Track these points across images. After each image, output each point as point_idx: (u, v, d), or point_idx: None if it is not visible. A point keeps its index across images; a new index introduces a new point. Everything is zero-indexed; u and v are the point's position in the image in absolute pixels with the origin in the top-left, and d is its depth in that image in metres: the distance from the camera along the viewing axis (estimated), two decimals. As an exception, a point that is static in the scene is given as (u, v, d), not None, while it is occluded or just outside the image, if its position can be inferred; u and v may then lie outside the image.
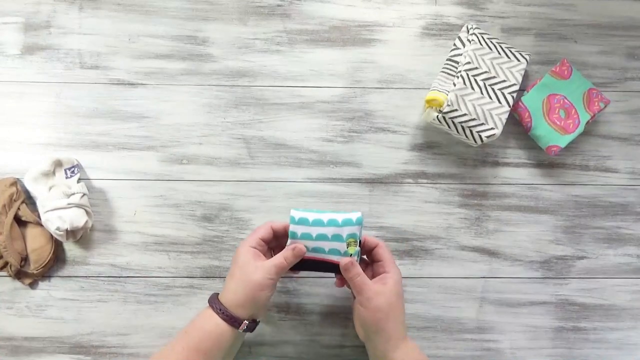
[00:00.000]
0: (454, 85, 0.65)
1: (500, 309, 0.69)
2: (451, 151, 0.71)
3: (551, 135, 0.68)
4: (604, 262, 0.71)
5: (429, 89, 0.71)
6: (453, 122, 0.66)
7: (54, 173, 0.66)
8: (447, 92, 0.65)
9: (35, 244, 0.65)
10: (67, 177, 0.66)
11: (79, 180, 0.66)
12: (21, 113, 0.69)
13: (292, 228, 0.57)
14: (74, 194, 0.64)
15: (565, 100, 0.68)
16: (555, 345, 0.69)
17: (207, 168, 0.69)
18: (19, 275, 0.65)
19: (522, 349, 0.69)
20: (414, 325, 0.68)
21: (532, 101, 0.69)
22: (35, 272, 0.65)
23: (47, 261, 0.65)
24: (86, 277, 0.67)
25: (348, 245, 0.57)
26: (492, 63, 0.66)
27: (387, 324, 0.56)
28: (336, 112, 0.71)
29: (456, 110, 0.64)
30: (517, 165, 0.71)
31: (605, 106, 0.68)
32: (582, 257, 0.71)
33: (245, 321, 0.55)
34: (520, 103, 0.69)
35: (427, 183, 0.70)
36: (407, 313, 0.68)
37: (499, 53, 0.67)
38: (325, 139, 0.70)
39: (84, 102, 0.70)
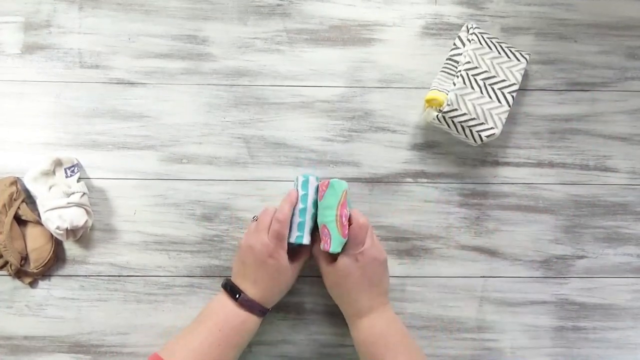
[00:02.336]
0: (454, 84, 0.65)
1: (500, 309, 0.69)
2: (451, 151, 0.71)
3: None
4: (604, 262, 0.71)
5: (429, 88, 0.71)
6: (453, 122, 0.66)
7: (54, 172, 0.66)
8: (447, 92, 0.65)
9: (35, 243, 0.65)
10: (67, 177, 0.66)
11: (79, 179, 0.66)
12: (21, 113, 0.69)
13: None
14: (74, 193, 0.64)
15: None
16: (555, 344, 0.69)
17: (207, 167, 0.69)
18: (19, 274, 0.65)
19: (522, 348, 0.69)
20: (414, 325, 0.68)
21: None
22: (35, 271, 0.65)
23: (47, 260, 0.65)
24: (86, 276, 0.68)
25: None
26: (492, 62, 0.66)
27: (337, 300, 0.63)
28: (336, 112, 0.71)
29: (456, 109, 0.64)
30: (517, 165, 0.71)
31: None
32: (582, 257, 0.71)
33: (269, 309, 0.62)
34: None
35: (427, 182, 0.70)
36: (407, 312, 0.68)
37: (499, 52, 0.67)
38: (325, 139, 0.70)
39: (84, 102, 0.70)
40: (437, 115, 0.66)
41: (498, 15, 0.74)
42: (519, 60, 0.67)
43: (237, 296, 0.59)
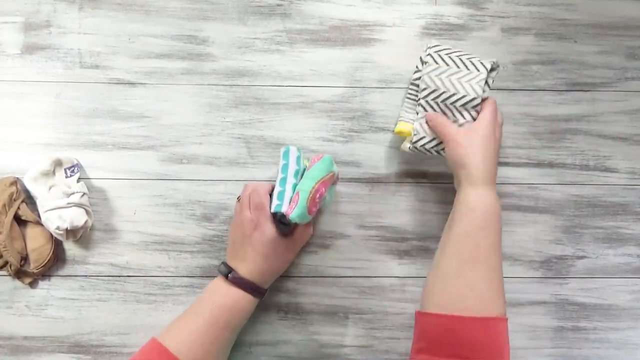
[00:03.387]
0: (417, 114, 0.65)
1: (500, 309, 0.69)
2: (451, 151, 0.71)
3: None
4: (604, 262, 0.71)
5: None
6: (425, 149, 0.65)
7: (53, 172, 0.66)
8: (412, 122, 0.65)
9: (35, 244, 0.65)
10: (67, 177, 0.66)
11: (79, 179, 0.66)
12: (21, 113, 0.69)
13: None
14: (73, 193, 0.64)
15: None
16: (555, 345, 0.69)
17: (207, 167, 0.69)
18: (19, 274, 0.65)
19: (521, 348, 0.69)
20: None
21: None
22: (35, 271, 0.65)
23: (47, 260, 0.65)
24: (86, 276, 0.68)
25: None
26: (450, 80, 0.63)
27: (466, 159, 0.59)
28: (336, 112, 0.71)
29: (424, 137, 0.64)
30: (517, 165, 0.71)
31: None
32: (582, 257, 0.71)
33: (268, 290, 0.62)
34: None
35: (427, 183, 0.70)
36: (407, 313, 0.68)
37: (458, 67, 0.64)
38: (325, 139, 0.70)
39: (84, 102, 0.70)
40: (409, 147, 0.65)
41: (498, 15, 0.73)
42: (479, 70, 0.63)
43: (228, 275, 0.59)
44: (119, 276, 0.68)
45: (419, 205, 0.70)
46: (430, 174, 0.71)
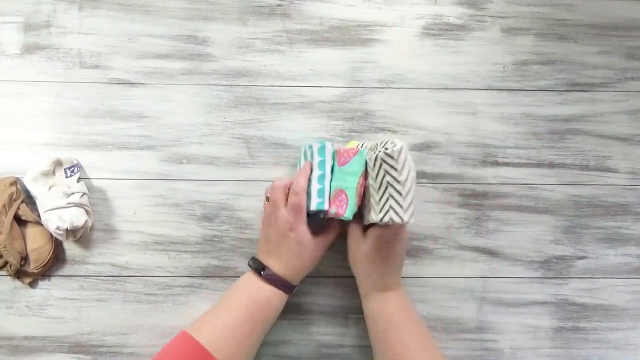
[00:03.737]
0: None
1: (500, 309, 0.69)
2: (451, 151, 0.71)
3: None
4: (604, 262, 0.71)
5: (429, 88, 0.71)
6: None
7: (53, 172, 0.66)
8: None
9: (35, 244, 0.65)
10: (66, 177, 0.66)
11: (79, 179, 0.66)
12: (21, 113, 0.69)
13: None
14: (73, 193, 0.64)
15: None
16: (555, 345, 0.69)
17: (207, 168, 0.69)
18: (19, 274, 0.65)
19: (521, 349, 0.69)
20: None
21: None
22: (35, 271, 0.65)
23: (47, 260, 0.65)
24: (86, 276, 0.68)
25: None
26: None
27: (366, 272, 0.62)
28: (336, 112, 0.71)
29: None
30: (517, 165, 0.71)
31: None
32: (582, 257, 0.71)
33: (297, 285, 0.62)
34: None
35: (426, 183, 0.70)
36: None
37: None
38: (325, 139, 0.70)
39: (84, 102, 0.70)
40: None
41: (498, 15, 0.74)
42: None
43: (262, 272, 0.60)
44: (119, 276, 0.68)
45: (419, 205, 0.70)
46: (430, 174, 0.71)
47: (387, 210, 0.56)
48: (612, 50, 0.74)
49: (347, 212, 0.59)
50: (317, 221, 0.62)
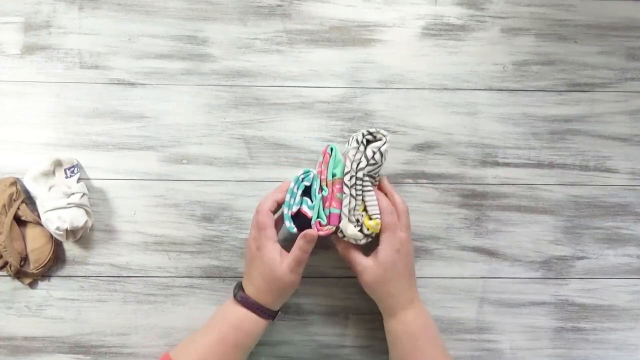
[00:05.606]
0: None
1: (500, 309, 0.69)
2: (451, 151, 0.71)
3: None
4: (603, 263, 0.71)
5: (429, 89, 0.71)
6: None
7: (53, 173, 0.66)
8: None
9: (35, 244, 0.65)
10: (67, 177, 0.66)
11: (79, 180, 0.66)
12: (21, 113, 0.69)
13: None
14: (73, 193, 0.64)
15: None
16: (555, 345, 0.69)
17: (207, 168, 0.69)
18: (19, 275, 0.65)
19: (521, 349, 0.69)
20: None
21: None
22: (35, 271, 0.65)
23: (46, 261, 0.65)
24: (86, 276, 0.67)
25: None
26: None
27: (379, 295, 0.60)
28: (336, 112, 0.71)
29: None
30: (517, 165, 0.71)
31: None
32: (582, 258, 0.71)
33: (279, 312, 0.61)
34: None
35: (426, 183, 0.70)
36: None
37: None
38: (325, 139, 0.70)
39: (84, 102, 0.70)
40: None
41: (498, 16, 0.74)
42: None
43: (236, 294, 0.59)
44: (119, 277, 0.68)
45: (419, 206, 0.70)
46: (430, 174, 0.71)
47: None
48: (612, 50, 0.74)
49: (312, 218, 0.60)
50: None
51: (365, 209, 0.61)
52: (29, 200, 0.67)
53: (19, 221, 0.65)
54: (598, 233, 0.71)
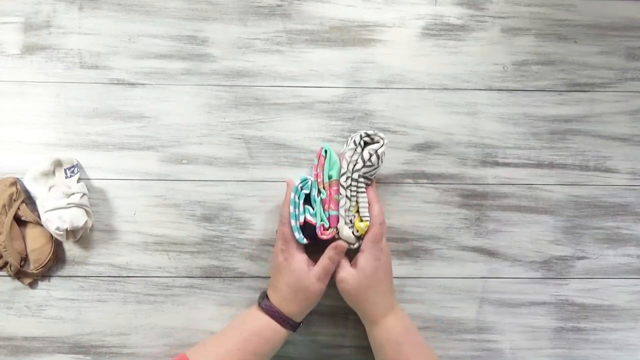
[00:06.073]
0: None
1: (500, 309, 0.69)
2: (451, 151, 0.71)
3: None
4: (603, 263, 0.71)
5: (429, 89, 0.71)
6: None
7: (53, 173, 0.66)
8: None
9: (35, 244, 0.65)
10: (67, 177, 0.66)
11: (79, 180, 0.66)
12: (21, 113, 0.69)
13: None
14: (73, 193, 0.64)
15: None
16: (555, 345, 0.69)
17: (207, 168, 0.69)
18: (19, 275, 0.65)
19: (521, 349, 0.69)
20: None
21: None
22: (35, 272, 0.65)
23: (46, 261, 0.65)
24: (86, 277, 0.67)
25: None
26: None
27: (361, 303, 0.60)
28: (336, 112, 0.71)
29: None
30: (517, 165, 0.71)
31: None
32: (582, 258, 0.71)
33: (301, 323, 0.62)
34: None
35: (426, 183, 0.70)
36: (408, 313, 0.68)
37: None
38: (325, 139, 0.70)
39: (84, 102, 0.70)
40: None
41: (498, 16, 0.73)
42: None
43: (261, 302, 0.60)
44: (119, 277, 0.68)
45: (419, 206, 0.70)
46: (430, 174, 0.71)
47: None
48: (612, 50, 0.74)
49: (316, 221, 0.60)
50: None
51: (357, 210, 0.61)
52: (29, 200, 0.67)
53: (19, 221, 0.65)
54: (598, 233, 0.71)
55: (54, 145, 0.69)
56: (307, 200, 0.62)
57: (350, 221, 0.61)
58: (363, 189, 0.61)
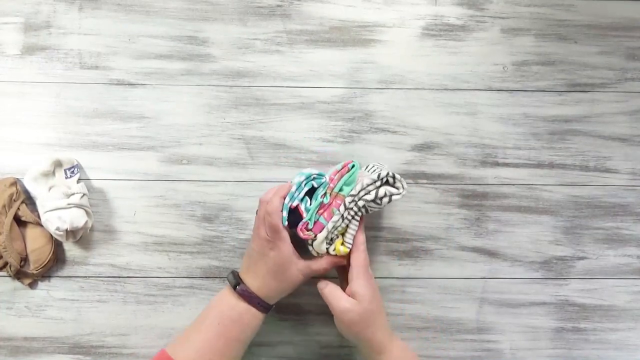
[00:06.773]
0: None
1: (500, 310, 0.69)
2: (451, 152, 0.71)
3: None
4: (603, 263, 0.71)
5: (429, 89, 0.71)
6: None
7: (53, 173, 0.66)
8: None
9: (35, 244, 0.65)
10: (67, 177, 0.66)
11: (79, 180, 0.66)
12: (21, 113, 0.69)
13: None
14: (73, 194, 0.64)
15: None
16: (555, 345, 0.69)
17: (207, 168, 0.69)
18: (19, 275, 0.65)
19: (521, 349, 0.69)
20: (414, 326, 0.68)
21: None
22: (34, 272, 0.65)
23: (46, 261, 0.65)
24: (86, 277, 0.67)
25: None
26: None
27: (366, 333, 0.58)
28: (336, 113, 0.71)
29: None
30: (517, 165, 0.71)
31: None
32: (582, 258, 0.71)
33: (273, 306, 0.60)
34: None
35: (426, 183, 0.70)
36: (407, 314, 0.69)
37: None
38: (325, 140, 0.70)
39: (84, 102, 0.70)
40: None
41: (498, 16, 0.74)
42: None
43: (237, 287, 0.59)
44: (119, 277, 0.68)
45: (419, 206, 0.70)
46: (430, 175, 0.71)
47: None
48: (612, 50, 0.74)
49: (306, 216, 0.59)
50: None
51: (343, 234, 0.61)
52: (29, 201, 0.67)
53: (19, 221, 0.65)
54: (598, 233, 0.71)
55: (54, 145, 0.69)
56: (309, 192, 0.61)
57: (331, 239, 0.61)
58: (357, 218, 0.61)
